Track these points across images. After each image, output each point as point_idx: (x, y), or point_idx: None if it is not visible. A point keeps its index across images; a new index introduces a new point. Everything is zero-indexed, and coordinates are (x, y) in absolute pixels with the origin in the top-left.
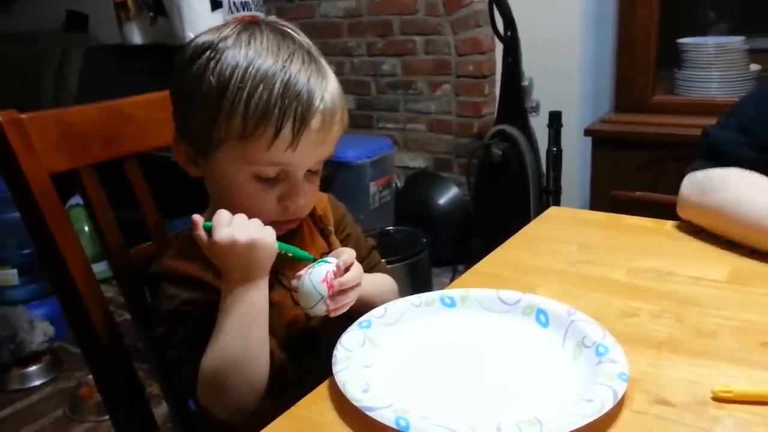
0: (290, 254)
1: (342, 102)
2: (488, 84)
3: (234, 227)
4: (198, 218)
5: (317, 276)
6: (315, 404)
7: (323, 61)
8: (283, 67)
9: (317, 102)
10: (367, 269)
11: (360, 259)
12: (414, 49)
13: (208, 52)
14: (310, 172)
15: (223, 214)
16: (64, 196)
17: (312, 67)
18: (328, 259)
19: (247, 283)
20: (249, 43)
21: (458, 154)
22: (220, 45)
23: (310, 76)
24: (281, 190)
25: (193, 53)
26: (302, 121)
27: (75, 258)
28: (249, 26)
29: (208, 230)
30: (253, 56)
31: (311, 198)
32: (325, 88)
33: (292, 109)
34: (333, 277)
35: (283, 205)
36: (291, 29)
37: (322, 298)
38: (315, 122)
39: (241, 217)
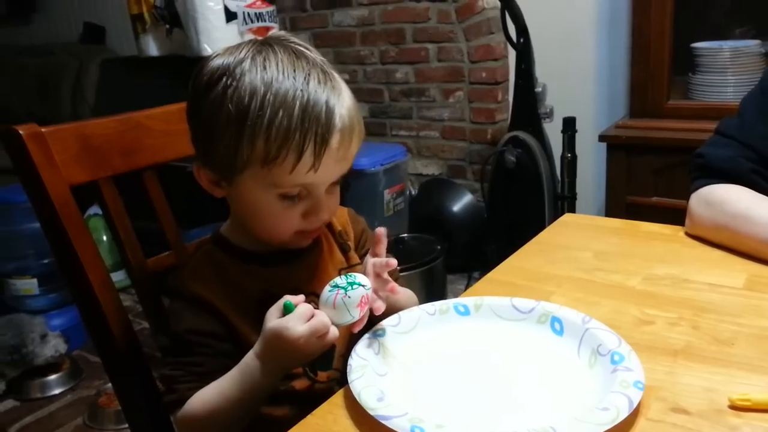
0: None
1: (358, 115)
2: (501, 90)
3: (309, 337)
4: (288, 297)
5: (353, 301)
6: (330, 413)
7: (337, 76)
8: (301, 89)
9: (336, 121)
10: None
11: None
12: (426, 56)
13: (224, 79)
14: (331, 184)
15: (305, 311)
16: (82, 205)
17: (328, 85)
18: (360, 279)
19: (278, 371)
20: (264, 68)
21: (472, 160)
22: (237, 70)
23: (327, 96)
24: (305, 207)
25: (209, 80)
26: (323, 143)
27: (94, 267)
28: (262, 48)
29: (288, 309)
30: (269, 80)
31: (333, 208)
32: (342, 105)
33: (312, 132)
34: (367, 300)
35: (308, 220)
36: (303, 47)
37: (352, 319)
38: (334, 141)
39: (320, 325)
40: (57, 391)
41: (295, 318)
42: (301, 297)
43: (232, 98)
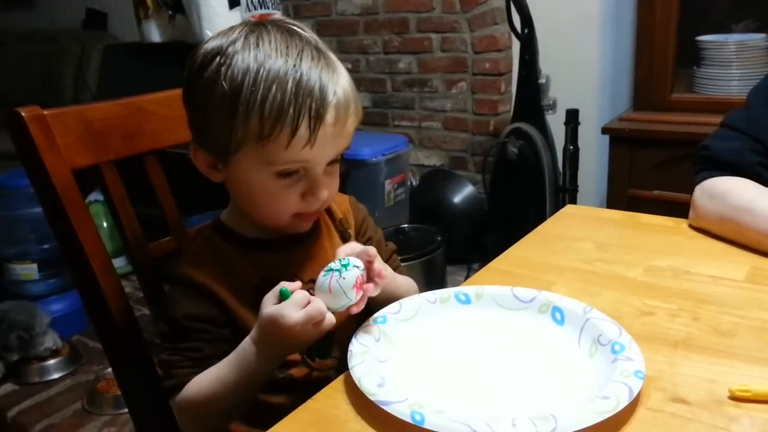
0: None
1: (354, 93)
2: (505, 81)
3: (305, 324)
4: (285, 283)
5: (348, 282)
6: (330, 398)
7: (332, 55)
8: (294, 65)
9: (330, 97)
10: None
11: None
12: (430, 46)
13: (218, 58)
14: (329, 164)
15: (301, 298)
16: (83, 192)
17: (322, 62)
18: (353, 261)
19: (275, 357)
20: (257, 45)
21: (474, 152)
22: (229, 50)
23: (321, 72)
24: (303, 187)
25: (202, 61)
26: (317, 117)
27: (95, 252)
28: (255, 28)
29: (284, 296)
30: (263, 58)
31: (333, 189)
32: (337, 81)
33: (306, 107)
34: (363, 281)
35: (306, 201)
36: (297, 26)
37: (350, 302)
38: (329, 117)
39: (315, 312)
40: (56, 376)
41: (291, 305)
42: (298, 284)
43: (226, 76)
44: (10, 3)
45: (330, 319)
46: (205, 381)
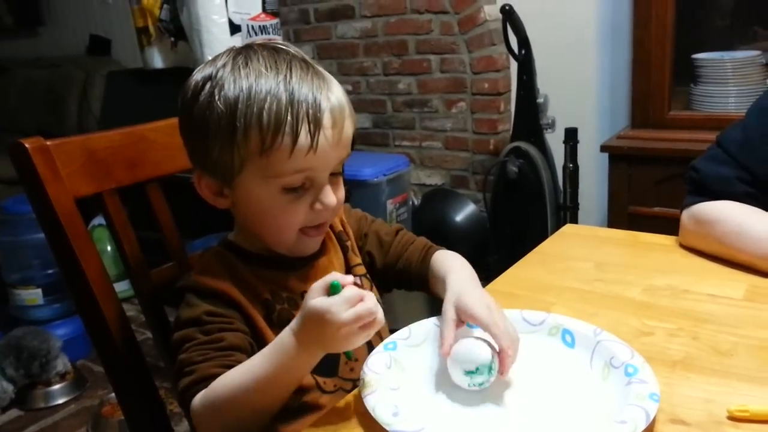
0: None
1: (347, 99)
2: (503, 101)
3: (352, 325)
4: (337, 276)
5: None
6: (330, 423)
7: (320, 67)
8: (285, 76)
9: (324, 102)
10: (400, 250)
11: (388, 246)
12: (429, 67)
13: (209, 84)
14: (333, 174)
15: (352, 296)
16: (88, 215)
17: (311, 72)
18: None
19: (315, 353)
20: (246, 65)
21: (475, 171)
22: (219, 74)
23: (312, 81)
24: (310, 198)
25: (194, 89)
26: (315, 122)
27: (98, 279)
28: (241, 50)
29: (335, 290)
30: (254, 75)
31: (340, 198)
32: (329, 88)
33: (303, 113)
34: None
35: (315, 211)
36: (282, 44)
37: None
38: (327, 121)
39: (365, 312)
40: (61, 401)
41: (341, 302)
42: (350, 278)
43: (220, 98)
44: (16, 30)
45: (380, 321)
46: (234, 374)
